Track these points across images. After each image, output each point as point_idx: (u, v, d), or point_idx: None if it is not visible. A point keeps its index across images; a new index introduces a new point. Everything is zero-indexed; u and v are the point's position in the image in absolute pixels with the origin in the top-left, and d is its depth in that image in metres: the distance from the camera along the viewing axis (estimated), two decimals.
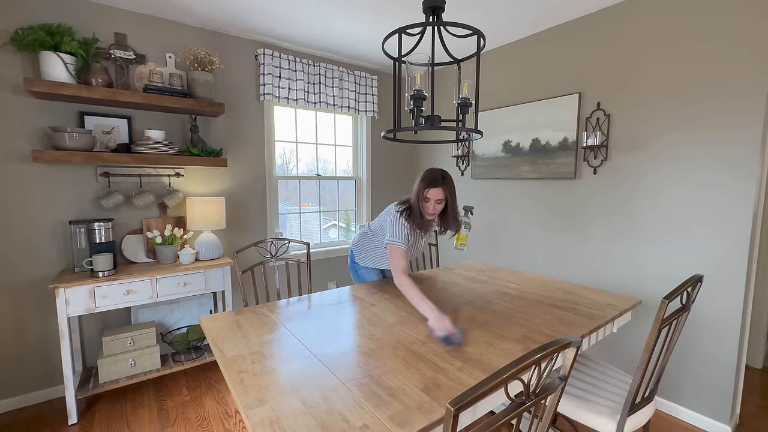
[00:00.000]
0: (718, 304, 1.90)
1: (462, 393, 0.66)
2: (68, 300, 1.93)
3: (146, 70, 2.31)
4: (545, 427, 0.89)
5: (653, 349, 1.18)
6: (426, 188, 1.68)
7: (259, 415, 0.89)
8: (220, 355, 1.19)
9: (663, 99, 2.02)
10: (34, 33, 1.90)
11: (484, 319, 1.49)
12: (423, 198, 1.70)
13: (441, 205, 1.72)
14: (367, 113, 3.34)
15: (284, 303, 1.68)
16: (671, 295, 1.13)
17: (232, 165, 2.74)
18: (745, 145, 1.77)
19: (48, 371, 2.21)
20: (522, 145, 2.71)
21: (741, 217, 1.80)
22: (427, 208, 1.72)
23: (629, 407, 1.25)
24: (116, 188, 2.32)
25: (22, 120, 2.05)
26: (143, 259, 2.37)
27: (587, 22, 2.32)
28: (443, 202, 1.72)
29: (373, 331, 1.38)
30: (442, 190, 1.68)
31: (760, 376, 2.52)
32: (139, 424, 1.97)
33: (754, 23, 1.72)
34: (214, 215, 2.45)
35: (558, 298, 1.74)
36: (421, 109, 1.35)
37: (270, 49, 2.74)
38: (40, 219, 2.13)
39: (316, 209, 3.33)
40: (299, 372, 1.09)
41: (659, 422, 2.04)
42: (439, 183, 1.67)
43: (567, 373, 0.84)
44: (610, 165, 2.26)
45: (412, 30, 2.46)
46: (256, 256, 2.94)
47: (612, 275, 2.29)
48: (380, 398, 0.95)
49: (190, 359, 2.36)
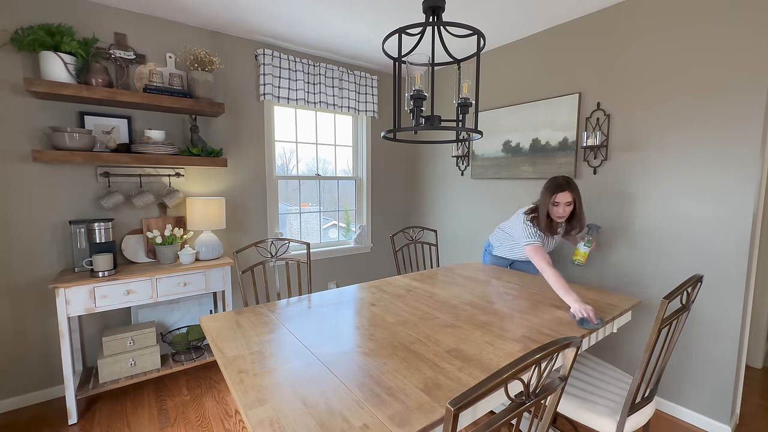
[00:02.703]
0: (718, 304, 1.90)
1: (462, 393, 0.66)
2: (68, 300, 1.93)
3: (146, 70, 2.31)
4: (545, 427, 0.89)
5: (653, 349, 1.18)
6: (554, 193, 1.84)
7: (259, 415, 0.89)
8: (220, 355, 1.19)
9: (663, 99, 2.02)
10: (34, 33, 1.90)
11: (484, 319, 1.49)
12: (552, 203, 1.86)
13: (570, 208, 1.87)
14: (367, 113, 3.34)
15: (284, 303, 1.68)
16: (671, 295, 1.13)
17: (232, 165, 2.74)
18: (745, 145, 1.77)
19: (48, 371, 2.21)
20: (522, 145, 2.71)
21: (741, 217, 1.80)
22: (557, 212, 1.87)
23: (629, 407, 1.25)
24: (116, 188, 2.32)
25: (22, 120, 2.05)
26: (143, 259, 2.37)
27: (587, 22, 2.32)
28: (572, 204, 1.87)
29: (373, 331, 1.38)
30: (569, 193, 1.84)
31: (760, 376, 2.52)
32: (139, 424, 1.97)
33: (754, 22, 1.72)
34: (214, 215, 2.45)
35: (558, 298, 1.74)
36: (421, 109, 1.35)
37: (270, 49, 2.74)
38: (40, 219, 2.13)
39: (316, 209, 3.33)
40: (299, 372, 1.09)
41: (659, 422, 2.04)
42: (565, 187, 1.84)
43: (567, 373, 0.84)
44: (610, 165, 2.26)
45: (412, 30, 2.46)
46: (256, 256, 2.94)
47: (612, 275, 2.29)
48: (380, 398, 0.95)
49: (190, 359, 2.36)
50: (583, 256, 2.00)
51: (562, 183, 1.84)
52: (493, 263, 2.43)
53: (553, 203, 1.86)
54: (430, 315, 1.53)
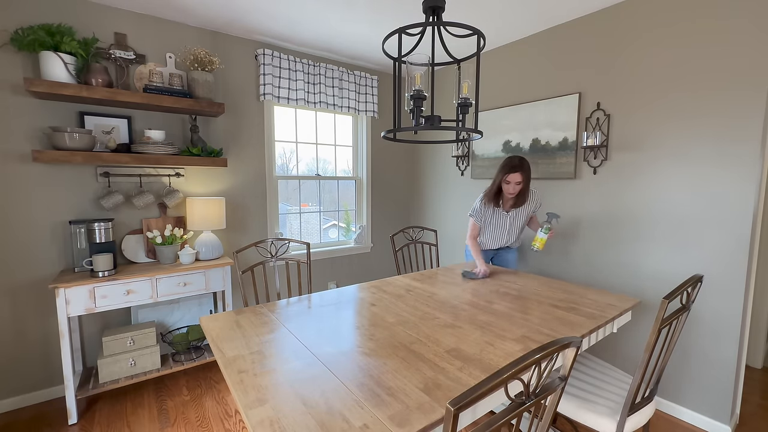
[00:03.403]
0: (718, 304, 1.90)
1: (462, 393, 0.66)
2: (68, 300, 1.93)
3: (146, 70, 2.31)
4: (545, 427, 0.89)
5: (653, 349, 1.18)
6: (507, 173, 2.04)
7: (259, 415, 0.89)
8: (220, 355, 1.19)
9: (663, 98, 2.02)
10: (34, 33, 1.90)
11: (484, 319, 1.49)
12: (504, 180, 2.06)
13: (519, 187, 2.07)
14: (367, 113, 3.34)
15: (284, 303, 1.68)
16: (671, 295, 1.13)
17: (232, 165, 2.74)
18: (745, 143, 1.77)
19: (48, 371, 2.21)
20: (522, 145, 2.71)
21: (741, 217, 1.80)
22: (508, 189, 2.07)
23: (629, 407, 1.25)
24: (116, 188, 2.32)
25: (22, 120, 2.05)
26: (143, 259, 2.37)
27: (587, 22, 2.32)
28: (521, 184, 2.06)
29: (373, 331, 1.38)
30: (520, 174, 2.03)
31: (760, 376, 2.52)
32: (139, 424, 1.97)
33: (754, 21, 1.72)
34: (214, 215, 2.45)
35: (558, 298, 1.74)
36: (421, 109, 1.35)
37: (270, 49, 2.74)
38: (40, 219, 2.13)
39: (316, 209, 3.33)
40: (299, 372, 1.09)
41: (659, 422, 2.04)
42: (518, 168, 2.02)
43: (567, 373, 0.84)
44: (610, 165, 2.26)
45: (412, 30, 2.46)
46: (256, 256, 2.94)
47: (612, 275, 2.29)
48: (380, 398, 0.95)
49: (190, 359, 2.36)
50: (541, 242, 2.10)
51: (516, 164, 2.03)
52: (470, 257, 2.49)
53: (505, 181, 2.07)
54: (430, 315, 1.53)
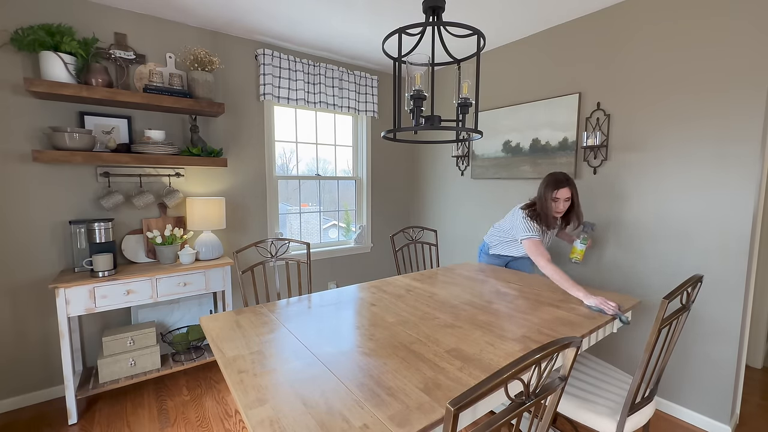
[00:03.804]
0: (718, 304, 1.90)
1: (462, 393, 0.66)
2: (68, 300, 1.93)
3: (146, 70, 2.31)
4: (545, 427, 0.89)
5: (653, 349, 1.18)
6: (555, 189, 1.91)
7: (259, 415, 0.89)
8: (220, 355, 1.19)
9: (663, 98, 2.02)
10: (34, 33, 1.90)
11: (484, 319, 1.49)
12: (553, 198, 1.92)
13: (568, 203, 1.95)
14: (367, 113, 3.34)
15: (284, 303, 1.68)
16: (671, 295, 1.13)
17: (232, 165, 2.74)
18: (746, 144, 1.77)
19: (48, 371, 2.21)
20: (522, 145, 2.71)
21: (741, 217, 1.80)
22: (557, 207, 1.93)
23: (629, 407, 1.25)
24: (116, 188, 2.32)
25: (22, 120, 2.05)
26: (143, 259, 2.37)
27: (587, 22, 2.32)
28: (570, 200, 1.95)
29: (373, 331, 1.38)
30: (569, 189, 1.91)
31: (760, 376, 2.52)
32: (139, 424, 1.97)
33: (754, 21, 1.72)
34: (214, 215, 2.45)
35: (558, 298, 1.74)
36: (421, 109, 1.35)
37: (270, 49, 2.74)
38: (40, 219, 2.13)
39: (316, 209, 3.33)
40: (299, 372, 1.09)
41: (659, 422, 2.04)
42: (565, 184, 1.90)
43: (567, 373, 0.84)
44: (610, 165, 2.26)
45: (412, 30, 2.46)
46: (256, 256, 2.94)
47: (612, 275, 2.29)
48: (380, 398, 0.95)
49: (190, 359, 2.36)
50: (580, 253, 2.02)
51: (562, 179, 1.91)
52: (489, 263, 2.43)
53: (554, 199, 1.92)
54: (430, 315, 1.53)
